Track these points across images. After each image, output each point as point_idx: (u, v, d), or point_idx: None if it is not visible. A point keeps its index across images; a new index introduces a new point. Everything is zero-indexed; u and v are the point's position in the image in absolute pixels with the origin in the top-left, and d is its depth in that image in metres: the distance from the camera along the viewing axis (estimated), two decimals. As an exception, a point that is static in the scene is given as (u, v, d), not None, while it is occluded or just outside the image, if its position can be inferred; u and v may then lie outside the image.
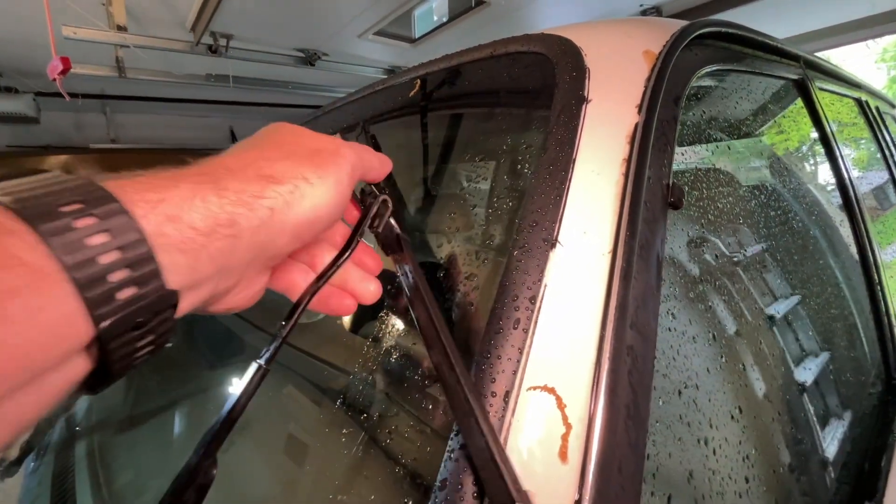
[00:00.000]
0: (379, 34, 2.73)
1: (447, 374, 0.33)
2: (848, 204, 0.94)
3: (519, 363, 0.34)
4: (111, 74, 2.51)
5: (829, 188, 1.00)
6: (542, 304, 0.36)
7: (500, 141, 0.60)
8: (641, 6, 2.55)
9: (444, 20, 2.65)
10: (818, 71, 1.05)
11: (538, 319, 0.35)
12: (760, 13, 2.50)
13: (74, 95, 2.96)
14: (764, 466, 0.51)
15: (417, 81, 0.72)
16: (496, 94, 0.62)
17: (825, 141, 0.96)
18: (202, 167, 0.25)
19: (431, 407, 0.47)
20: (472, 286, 0.50)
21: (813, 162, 1.09)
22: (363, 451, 0.51)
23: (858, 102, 1.31)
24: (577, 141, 0.44)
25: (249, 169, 0.26)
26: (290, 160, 0.28)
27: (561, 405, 0.32)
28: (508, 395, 0.33)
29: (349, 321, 0.67)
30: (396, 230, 0.38)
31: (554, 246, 0.38)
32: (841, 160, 0.96)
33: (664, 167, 0.45)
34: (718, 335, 0.53)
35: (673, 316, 0.45)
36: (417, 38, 2.88)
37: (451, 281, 0.51)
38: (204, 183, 0.23)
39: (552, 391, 0.32)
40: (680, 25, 0.56)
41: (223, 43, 2.51)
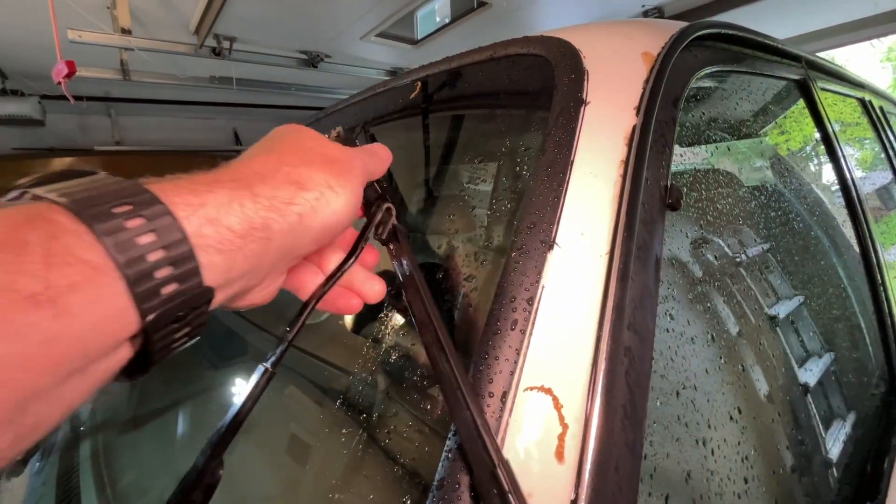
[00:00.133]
0: (381, 36, 2.74)
1: (435, 348, 0.34)
2: (851, 204, 0.94)
3: (516, 364, 0.34)
4: (116, 77, 2.53)
5: (831, 188, 1.00)
6: (539, 305, 0.36)
7: (499, 143, 0.60)
8: (643, 7, 2.55)
9: (446, 21, 2.66)
10: (820, 71, 1.05)
11: (535, 320, 0.35)
12: (763, 13, 2.50)
13: (79, 98, 2.98)
14: (765, 467, 0.51)
15: (418, 83, 0.73)
16: (496, 96, 0.63)
17: (827, 141, 0.95)
18: (234, 172, 0.27)
19: (430, 406, 0.47)
20: (470, 287, 0.50)
21: (815, 162, 1.09)
22: (363, 450, 0.51)
23: (862, 102, 1.31)
24: (575, 143, 0.44)
25: (278, 175, 0.27)
26: (311, 167, 0.29)
27: (558, 405, 0.32)
28: (506, 395, 0.33)
29: (350, 321, 0.68)
30: (393, 221, 0.39)
31: (551, 247, 0.38)
32: (843, 160, 0.95)
33: (662, 168, 0.45)
34: (718, 336, 0.53)
35: (671, 317, 0.45)
36: (420, 39, 2.89)
37: (449, 281, 0.52)
38: (239, 188, 0.25)
39: (549, 392, 0.32)
40: (679, 27, 0.57)
41: (226, 45, 2.53)
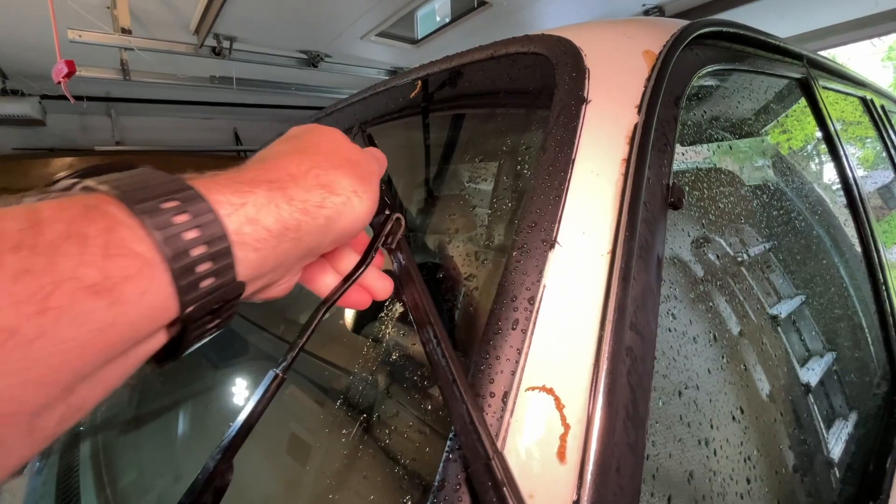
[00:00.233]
0: (381, 35, 2.73)
1: (432, 345, 0.34)
2: (852, 203, 0.94)
3: (518, 364, 0.34)
4: (116, 77, 2.53)
5: (833, 187, 1.00)
6: (540, 304, 0.36)
7: (499, 142, 0.60)
8: (644, 6, 2.54)
9: (446, 21, 2.65)
10: (822, 69, 1.05)
11: (537, 320, 0.35)
12: (764, 12, 2.49)
13: (80, 98, 2.98)
14: (768, 467, 0.51)
15: (418, 83, 0.72)
16: (496, 94, 0.62)
17: (829, 140, 0.95)
18: (269, 172, 0.27)
19: (431, 406, 0.47)
20: (471, 286, 0.50)
21: (817, 161, 1.08)
22: (364, 450, 0.51)
23: (863, 101, 1.30)
24: (576, 141, 0.44)
25: (309, 177, 0.28)
26: (339, 170, 0.30)
27: (559, 406, 0.32)
28: (507, 395, 0.33)
29: (350, 321, 0.67)
30: (402, 231, 0.40)
31: (553, 246, 0.38)
32: (845, 159, 0.95)
33: (664, 167, 0.45)
34: (720, 336, 0.53)
35: (673, 316, 0.45)
36: (420, 39, 2.88)
37: (449, 281, 0.51)
38: (276, 190, 0.26)
39: (551, 392, 0.32)
40: (680, 25, 0.56)
41: (226, 45, 2.52)
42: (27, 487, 0.78)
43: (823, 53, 1.15)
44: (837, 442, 0.67)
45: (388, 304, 0.58)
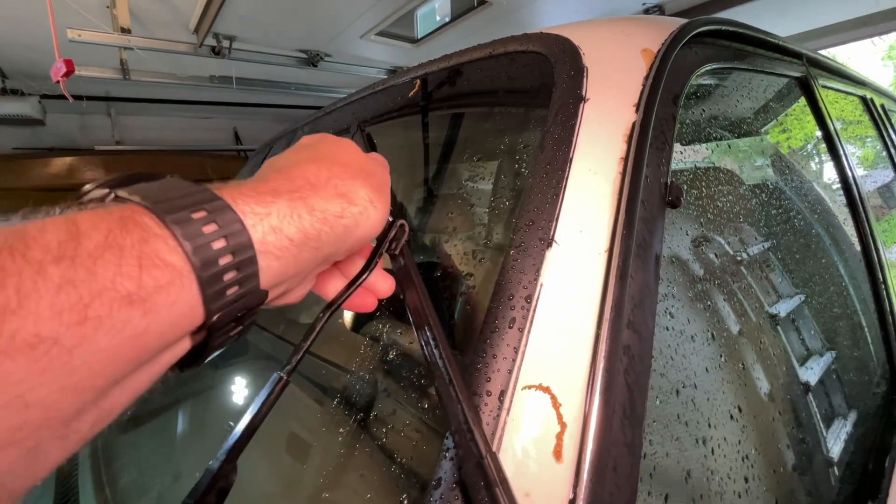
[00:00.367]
0: (381, 35, 2.73)
1: (429, 345, 0.34)
2: (852, 202, 0.94)
3: (514, 362, 0.34)
4: (116, 76, 2.53)
5: (833, 187, 0.99)
6: (537, 303, 0.36)
7: (498, 140, 0.60)
8: (644, 4, 2.54)
9: (446, 20, 2.65)
10: (821, 68, 1.04)
11: (534, 319, 0.35)
12: (764, 11, 2.48)
13: (79, 98, 2.98)
14: (766, 466, 0.51)
15: (416, 81, 0.72)
16: (495, 93, 0.62)
17: (829, 139, 0.95)
18: (290, 181, 0.28)
19: (429, 405, 0.47)
20: (469, 285, 0.50)
21: (817, 160, 1.08)
22: (363, 448, 0.51)
23: (863, 100, 1.30)
24: (574, 140, 0.44)
25: (328, 187, 0.29)
26: (357, 181, 0.31)
27: (556, 404, 0.32)
28: (503, 394, 0.33)
29: (349, 320, 0.67)
30: (406, 237, 0.40)
31: (550, 245, 0.38)
32: (845, 158, 0.95)
33: (662, 166, 0.45)
34: (719, 334, 0.53)
35: (671, 315, 0.45)
36: (420, 38, 2.88)
37: (447, 280, 0.51)
38: (297, 200, 0.27)
39: (547, 390, 0.32)
40: (679, 24, 0.56)
41: (226, 45, 2.52)
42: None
43: (824, 52, 1.14)
44: (836, 441, 0.67)
45: (387, 304, 0.58)
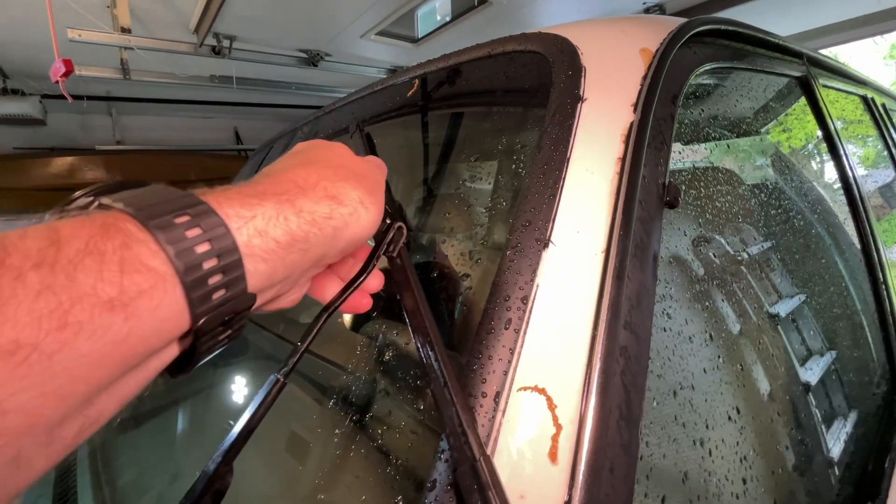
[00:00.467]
0: (381, 34, 2.72)
1: (425, 347, 0.34)
2: (853, 202, 0.93)
3: (510, 363, 0.34)
4: (116, 76, 2.53)
5: (833, 186, 0.99)
6: (534, 304, 0.36)
7: (495, 140, 0.59)
8: (644, 4, 2.53)
9: (446, 20, 2.65)
10: (822, 68, 1.04)
11: (530, 320, 0.35)
12: (765, 10, 2.48)
13: (80, 97, 2.98)
14: (766, 467, 0.51)
15: (415, 81, 0.72)
16: (493, 93, 0.62)
17: (829, 139, 0.94)
18: (277, 184, 0.28)
19: (424, 406, 0.47)
20: (465, 286, 0.49)
21: (817, 160, 1.08)
22: (359, 448, 0.51)
23: (864, 100, 1.29)
24: (571, 140, 0.44)
25: (317, 189, 0.29)
26: (347, 182, 0.31)
27: (552, 406, 0.32)
28: (499, 395, 0.32)
29: (348, 319, 0.67)
30: (404, 240, 0.40)
31: (547, 245, 0.38)
32: (845, 158, 0.95)
33: (660, 166, 0.45)
34: (717, 335, 0.53)
35: (668, 316, 0.45)
36: (420, 37, 2.87)
37: (443, 281, 0.51)
38: (284, 202, 0.27)
39: (543, 392, 0.32)
40: (677, 23, 0.56)
41: (226, 44, 2.52)
42: (25, 486, 0.78)
43: (824, 52, 1.14)
44: (836, 441, 0.66)
45: (383, 304, 0.58)
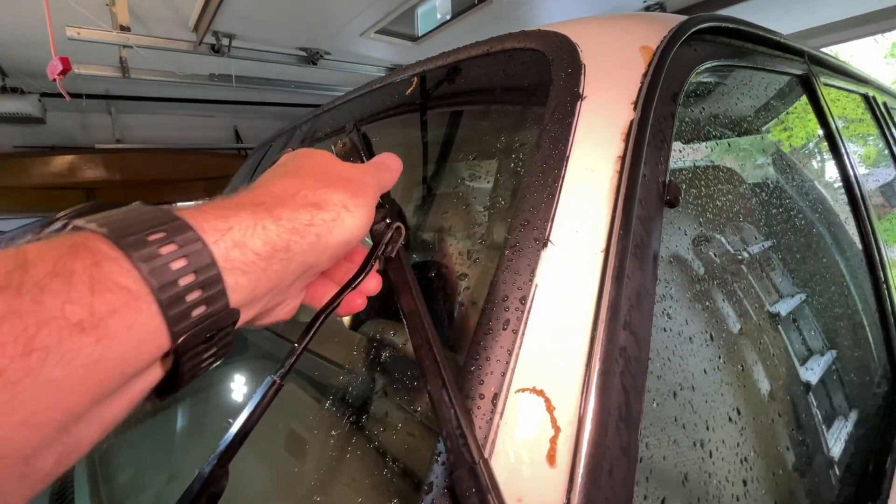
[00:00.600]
0: (381, 32, 2.72)
1: (423, 348, 0.33)
2: (854, 201, 0.93)
3: (508, 365, 0.33)
4: (115, 75, 2.52)
5: (834, 185, 0.99)
6: (532, 304, 0.35)
7: (494, 139, 0.59)
8: (644, 2, 2.52)
9: (446, 18, 2.64)
10: (823, 66, 1.03)
11: (528, 320, 0.35)
12: (766, 8, 2.47)
13: (79, 96, 2.98)
14: (766, 467, 0.51)
15: (414, 79, 0.72)
16: (492, 91, 0.62)
17: (830, 137, 0.94)
18: (255, 196, 0.28)
19: (422, 408, 0.46)
20: (463, 286, 0.49)
21: (818, 159, 1.07)
22: (355, 449, 0.50)
23: (865, 98, 1.29)
24: (571, 138, 0.43)
25: (297, 198, 0.28)
26: (329, 188, 0.30)
27: (550, 407, 0.31)
28: (497, 397, 0.32)
29: (347, 319, 0.67)
30: (402, 240, 0.39)
31: (545, 245, 0.38)
32: (847, 157, 0.94)
33: (661, 164, 0.44)
34: (718, 335, 0.53)
35: (669, 316, 0.44)
36: (420, 36, 2.87)
37: (441, 281, 0.51)
38: (261, 212, 0.26)
39: (541, 393, 0.32)
40: (678, 20, 0.56)
41: (226, 43, 2.51)
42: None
43: (826, 50, 1.13)
44: (837, 441, 0.66)
45: (381, 304, 0.58)
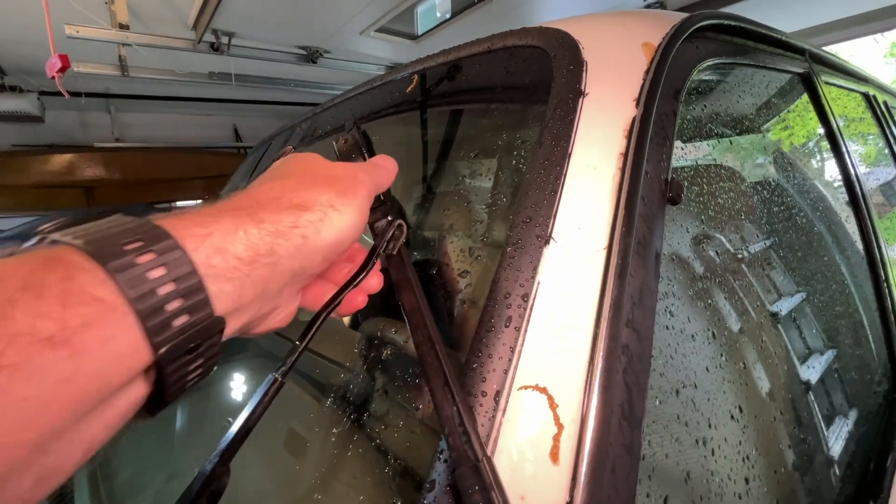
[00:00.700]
0: (381, 31, 2.71)
1: (425, 346, 0.33)
2: (854, 200, 0.93)
3: (510, 362, 0.33)
4: (114, 73, 2.51)
5: (835, 184, 0.99)
6: (534, 301, 0.35)
7: (496, 136, 0.59)
8: (645, 0, 2.52)
9: (446, 17, 2.64)
10: (824, 65, 1.03)
11: (531, 317, 0.34)
12: (766, 7, 2.47)
13: (78, 94, 2.97)
14: (767, 466, 0.51)
15: (414, 77, 0.71)
16: (493, 88, 0.61)
17: (831, 136, 0.94)
18: (238, 201, 0.27)
19: (423, 405, 0.46)
20: (465, 284, 0.49)
21: (819, 157, 1.07)
22: (356, 447, 0.50)
23: (866, 97, 1.29)
24: (573, 135, 0.43)
25: (281, 200, 0.28)
26: (314, 188, 0.30)
27: (553, 405, 0.31)
28: (499, 394, 0.32)
29: (347, 318, 0.67)
30: (404, 238, 0.39)
31: (548, 242, 0.37)
32: (847, 156, 0.94)
33: (663, 161, 0.44)
34: (719, 333, 0.52)
35: (671, 314, 0.44)
36: (420, 34, 2.87)
37: (443, 279, 0.51)
38: (243, 216, 0.25)
39: (544, 391, 0.32)
40: (680, 18, 0.55)
41: (225, 41, 2.50)
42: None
43: (826, 49, 1.13)
44: (837, 440, 0.66)
45: (382, 302, 0.58)
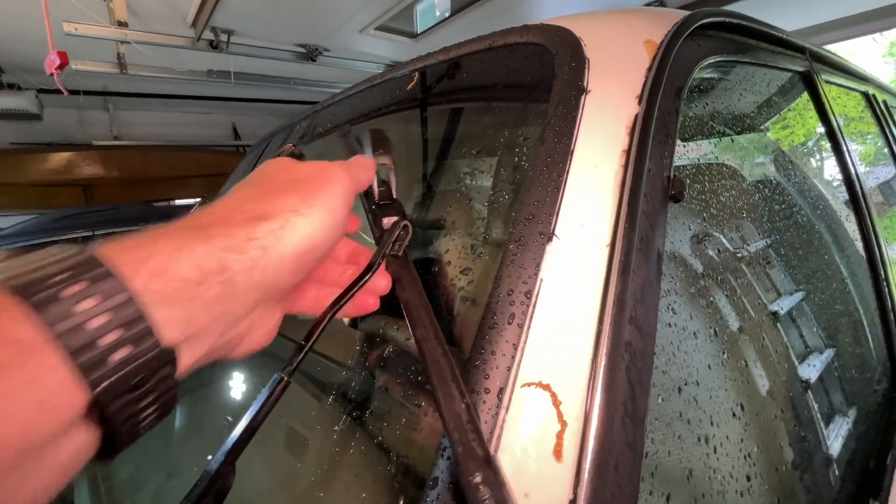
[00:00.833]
0: (380, 29, 2.71)
1: (428, 343, 0.33)
2: (854, 199, 0.93)
3: (513, 359, 0.33)
4: (113, 71, 2.51)
5: (835, 183, 0.99)
6: (537, 298, 0.35)
7: (498, 134, 0.59)
8: (645, -1, 2.52)
9: (446, 15, 2.63)
10: (824, 63, 1.03)
11: (534, 315, 0.34)
12: (766, 6, 2.47)
13: (76, 92, 2.96)
14: (767, 464, 0.51)
15: (414, 75, 0.71)
16: (494, 86, 0.61)
17: (831, 135, 0.94)
18: (191, 220, 0.25)
19: (426, 403, 0.46)
20: (467, 281, 0.49)
21: (819, 156, 1.07)
22: (359, 446, 0.50)
23: (865, 96, 1.29)
24: (575, 132, 0.43)
25: (238, 213, 0.26)
26: (275, 196, 0.28)
27: (556, 402, 0.31)
28: (502, 391, 0.32)
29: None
30: (409, 238, 0.39)
31: (551, 239, 0.37)
32: (847, 155, 0.94)
33: (665, 159, 0.44)
34: (720, 331, 0.52)
35: (673, 311, 0.44)
36: (419, 33, 2.86)
37: (445, 277, 0.51)
38: (190, 234, 0.24)
39: (547, 388, 0.31)
40: (682, 15, 0.55)
41: (224, 39, 2.50)
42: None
43: (826, 48, 1.13)
44: (837, 439, 0.66)
45: (383, 299, 0.58)
